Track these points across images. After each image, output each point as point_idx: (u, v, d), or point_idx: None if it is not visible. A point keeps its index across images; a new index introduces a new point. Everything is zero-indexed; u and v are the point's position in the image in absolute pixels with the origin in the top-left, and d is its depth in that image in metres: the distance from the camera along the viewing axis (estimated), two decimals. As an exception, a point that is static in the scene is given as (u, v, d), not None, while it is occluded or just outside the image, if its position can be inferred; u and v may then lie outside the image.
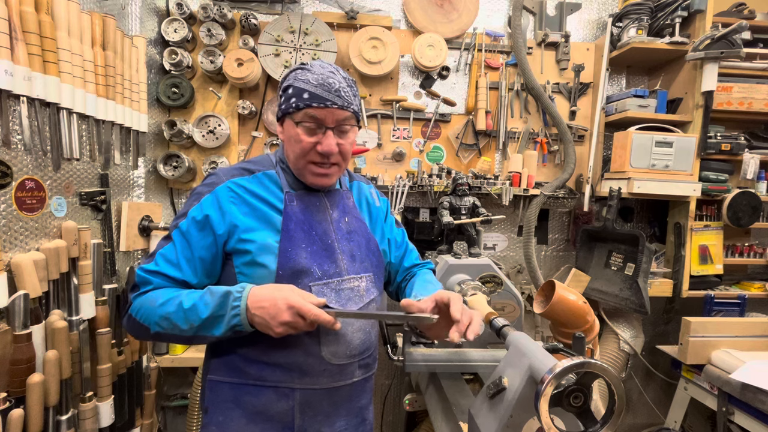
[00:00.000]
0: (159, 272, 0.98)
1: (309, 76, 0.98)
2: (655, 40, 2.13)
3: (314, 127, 0.99)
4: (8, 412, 1.11)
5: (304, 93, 0.97)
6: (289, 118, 1.00)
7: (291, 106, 0.99)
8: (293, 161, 1.04)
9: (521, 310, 1.65)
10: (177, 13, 1.98)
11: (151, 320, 0.94)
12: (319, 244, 1.05)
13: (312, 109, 0.97)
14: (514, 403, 0.86)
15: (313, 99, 0.96)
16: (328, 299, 1.02)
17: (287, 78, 1.03)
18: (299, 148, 1.00)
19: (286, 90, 1.01)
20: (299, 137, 0.99)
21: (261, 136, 2.18)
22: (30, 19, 1.21)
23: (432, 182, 2.16)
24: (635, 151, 2.07)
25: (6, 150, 1.19)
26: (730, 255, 2.31)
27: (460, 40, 2.28)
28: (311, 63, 1.02)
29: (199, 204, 1.00)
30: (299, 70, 1.01)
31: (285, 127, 1.04)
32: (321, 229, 1.07)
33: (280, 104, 1.03)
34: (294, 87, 0.99)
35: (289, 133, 1.02)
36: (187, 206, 1.02)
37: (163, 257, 0.99)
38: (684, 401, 2.12)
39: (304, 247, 1.02)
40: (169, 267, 0.98)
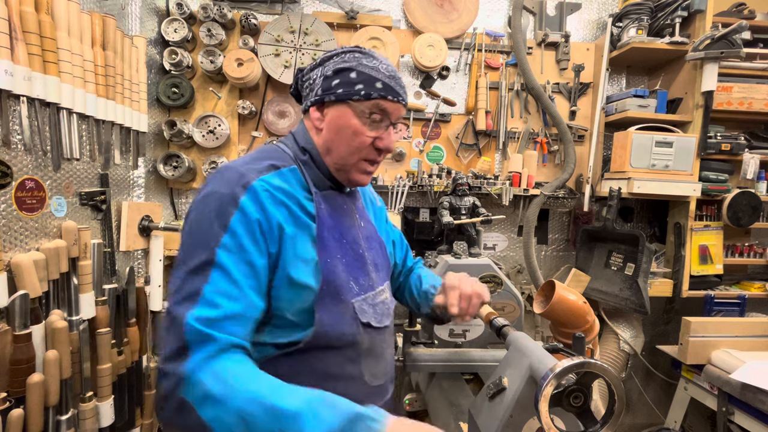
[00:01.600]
0: (225, 318, 0.72)
1: (377, 64, 0.88)
2: (655, 40, 2.13)
3: (378, 121, 0.89)
4: (8, 412, 1.11)
5: (377, 82, 0.86)
6: (347, 105, 0.87)
7: (355, 92, 0.86)
8: (339, 155, 0.90)
9: (521, 310, 1.65)
10: (177, 13, 1.98)
11: (217, 418, 0.65)
12: (351, 253, 0.93)
13: (385, 101, 0.87)
14: (514, 403, 0.86)
15: (388, 91, 0.87)
16: (368, 316, 0.93)
17: (344, 59, 0.88)
18: (357, 141, 0.88)
19: (343, 72, 0.87)
20: (359, 129, 0.87)
21: (261, 136, 2.18)
22: (30, 19, 1.21)
23: (432, 182, 2.16)
24: (635, 151, 2.06)
25: (6, 150, 1.18)
26: (730, 255, 2.31)
27: (460, 40, 2.28)
28: (368, 50, 0.92)
29: (238, 210, 0.78)
30: (360, 54, 0.89)
31: (331, 115, 0.89)
32: (351, 236, 0.95)
33: (328, 87, 0.88)
34: (360, 72, 0.86)
35: (340, 122, 0.88)
36: (214, 217, 0.77)
37: (220, 293, 0.73)
38: (684, 401, 2.12)
39: (339, 258, 0.89)
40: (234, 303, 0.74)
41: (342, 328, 0.87)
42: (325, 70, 0.89)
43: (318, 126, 0.91)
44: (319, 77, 0.90)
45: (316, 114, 0.91)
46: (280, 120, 2.18)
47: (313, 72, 0.92)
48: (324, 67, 0.90)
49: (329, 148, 0.91)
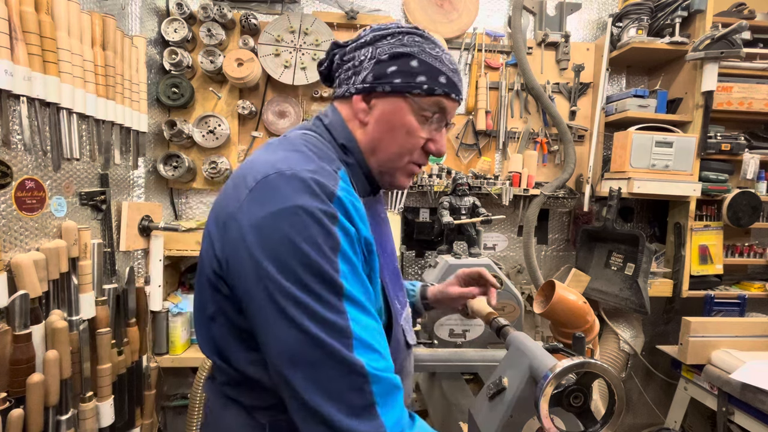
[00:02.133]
0: (386, 356, 0.63)
1: (440, 53, 0.75)
2: (655, 40, 2.13)
3: (434, 121, 0.76)
4: (8, 412, 1.11)
5: (441, 75, 0.73)
6: (404, 99, 0.73)
7: (416, 85, 0.72)
8: (389, 157, 0.77)
9: (521, 310, 1.65)
10: (177, 13, 1.98)
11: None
12: (392, 268, 0.83)
13: (447, 99, 0.75)
14: (514, 403, 0.86)
15: (452, 88, 0.75)
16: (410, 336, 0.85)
17: (402, 42, 0.73)
18: (411, 142, 0.75)
19: (402, 58, 0.72)
20: (415, 128, 0.74)
21: (261, 136, 2.18)
22: (30, 19, 1.21)
23: (432, 182, 2.16)
24: (635, 151, 2.06)
25: (6, 150, 1.18)
26: (730, 255, 2.31)
27: (460, 40, 2.28)
28: (428, 33, 0.76)
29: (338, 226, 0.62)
30: (421, 39, 0.74)
31: (381, 108, 0.74)
32: (390, 248, 0.85)
33: (382, 74, 0.72)
34: (422, 61, 0.72)
35: (393, 119, 0.74)
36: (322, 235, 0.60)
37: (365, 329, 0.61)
38: (684, 401, 2.12)
39: (387, 275, 0.78)
40: (381, 337, 0.64)
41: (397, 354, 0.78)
42: (378, 52, 0.73)
43: (362, 119, 0.76)
44: (369, 59, 0.74)
45: (360, 104, 0.75)
46: (280, 120, 2.18)
47: (360, 51, 0.75)
48: (376, 48, 0.73)
49: (375, 147, 0.77)
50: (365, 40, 0.75)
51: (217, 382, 0.79)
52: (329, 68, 0.82)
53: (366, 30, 0.77)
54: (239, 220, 0.62)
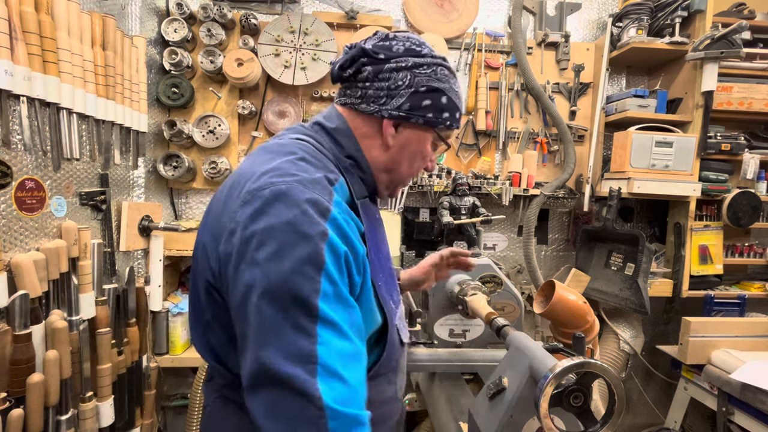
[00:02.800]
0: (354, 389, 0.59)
1: (459, 88, 0.82)
2: (655, 40, 2.13)
3: (436, 147, 0.85)
4: (8, 412, 1.11)
5: (457, 112, 0.81)
6: (432, 130, 0.80)
7: (443, 120, 0.78)
8: (401, 176, 0.83)
9: (521, 310, 1.65)
10: (177, 13, 1.98)
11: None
12: (387, 269, 0.85)
13: (454, 131, 0.84)
14: (514, 403, 0.86)
15: (459, 121, 0.83)
16: (404, 333, 0.87)
17: (437, 75, 0.76)
18: (422, 166, 0.84)
19: (436, 93, 0.76)
20: (428, 154, 0.83)
21: (261, 136, 2.18)
22: (30, 19, 1.21)
23: (432, 182, 2.16)
24: (635, 151, 2.06)
25: (6, 150, 1.19)
26: (730, 255, 2.31)
27: (460, 40, 2.28)
28: (448, 61, 0.81)
29: (327, 244, 0.61)
30: (449, 72, 0.79)
31: (407, 135, 0.79)
32: (385, 249, 0.87)
33: (417, 106, 0.76)
34: (449, 98, 0.78)
35: (412, 145, 0.80)
36: (308, 255, 0.59)
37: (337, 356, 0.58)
38: (684, 401, 2.12)
39: (381, 277, 0.79)
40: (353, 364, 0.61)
41: (392, 354, 0.80)
42: (416, 81, 0.75)
43: (388, 142, 0.79)
44: (406, 86, 0.75)
45: (390, 130, 0.78)
46: (280, 120, 2.18)
47: (398, 74, 0.75)
48: (414, 75, 0.75)
49: (393, 168, 0.81)
50: (405, 65, 0.75)
51: (215, 383, 0.79)
52: (352, 73, 0.78)
53: (399, 46, 0.76)
54: (232, 234, 0.63)
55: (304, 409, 0.54)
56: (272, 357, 0.56)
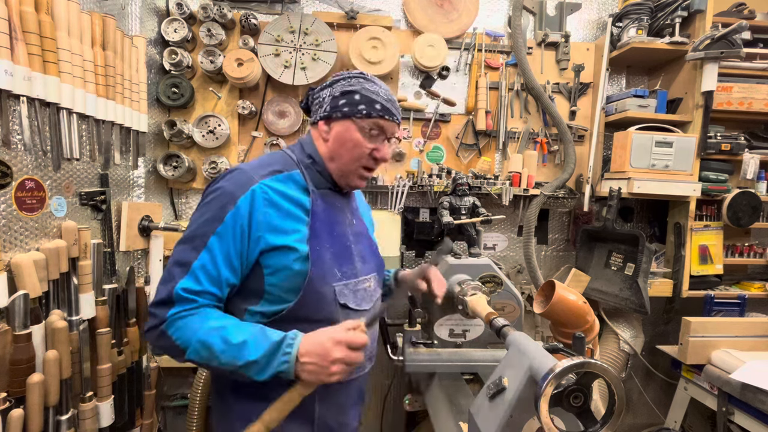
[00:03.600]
0: (205, 294, 0.94)
1: (377, 89, 1.05)
2: (655, 40, 2.13)
3: (376, 135, 1.05)
4: (8, 412, 1.11)
5: (376, 104, 1.03)
6: (351, 121, 1.04)
7: (358, 111, 1.03)
8: (342, 163, 1.06)
9: (521, 310, 1.65)
10: (177, 13, 1.98)
11: (190, 344, 0.91)
12: (339, 245, 1.08)
13: (382, 120, 1.04)
14: (514, 403, 0.86)
15: (385, 112, 1.04)
16: (347, 299, 1.07)
17: (349, 83, 1.05)
18: (357, 152, 1.05)
19: (348, 94, 1.04)
20: (359, 142, 1.04)
21: (261, 136, 2.18)
22: (30, 19, 1.21)
23: (432, 182, 2.16)
24: (635, 151, 2.06)
25: (6, 150, 1.19)
26: (730, 255, 2.31)
27: (460, 40, 2.28)
28: (370, 75, 1.09)
29: (235, 207, 0.96)
30: (363, 80, 1.06)
31: (336, 129, 1.05)
32: (340, 229, 1.10)
33: (336, 105, 1.04)
34: (362, 95, 1.03)
35: (344, 135, 1.04)
36: (217, 208, 0.96)
37: (204, 272, 0.94)
38: (684, 401, 2.12)
39: (328, 248, 1.04)
40: (213, 285, 0.95)
41: (320, 305, 1.02)
42: (333, 91, 1.05)
43: (325, 137, 1.07)
44: (327, 96, 1.06)
45: (324, 127, 1.07)
46: (280, 120, 2.18)
47: (323, 92, 1.08)
48: (332, 89, 1.06)
49: (333, 156, 1.07)
50: (326, 85, 1.08)
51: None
52: (307, 104, 1.14)
53: (330, 79, 1.09)
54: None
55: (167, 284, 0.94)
56: (171, 259, 0.98)
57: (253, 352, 0.90)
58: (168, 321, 0.92)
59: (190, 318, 0.92)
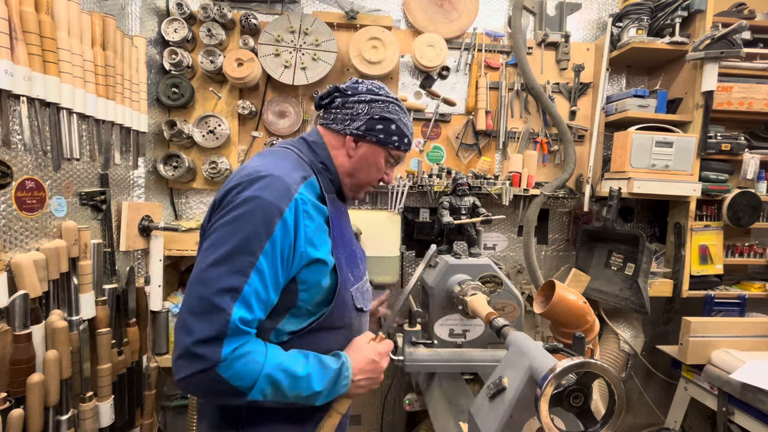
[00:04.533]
0: (255, 320, 0.85)
1: (408, 121, 1.10)
2: (655, 40, 2.13)
3: (392, 163, 1.13)
4: (8, 412, 1.11)
5: (406, 138, 1.09)
6: (383, 148, 1.07)
7: (392, 141, 1.06)
8: (360, 181, 1.10)
9: (521, 310, 1.65)
10: (177, 13, 1.98)
11: (255, 384, 0.83)
12: (348, 250, 1.09)
13: (404, 153, 1.12)
14: (514, 403, 0.86)
15: (408, 146, 1.12)
16: (360, 302, 1.10)
17: (388, 109, 1.05)
18: (377, 175, 1.11)
19: (387, 121, 1.05)
20: (380, 166, 1.09)
21: (261, 136, 2.18)
22: (30, 19, 1.21)
23: (432, 182, 2.16)
24: (635, 151, 2.06)
25: (6, 150, 1.19)
26: (730, 255, 2.31)
27: (460, 40, 2.28)
28: (401, 102, 1.10)
29: (281, 220, 0.86)
30: (398, 108, 1.08)
31: (366, 150, 1.06)
32: (348, 233, 1.13)
33: (372, 128, 1.04)
34: (398, 126, 1.07)
35: (369, 158, 1.07)
36: (261, 222, 0.84)
37: (257, 298, 0.84)
38: (684, 401, 2.12)
39: (342, 254, 1.04)
40: (263, 311, 0.87)
41: (344, 313, 1.03)
42: (371, 111, 1.04)
43: (350, 153, 1.07)
44: (364, 114, 1.04)
45: (351, 143, 1.06)
46: (280, 120, 2.18)
47: (359, 105, 1.04)
48: (371, 107, 1.04)
49: (353, 173, 1.08)
50: (364, 99, 1.04)
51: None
52: (328, 103, 1.09)
53: (361, 86, 1.07)
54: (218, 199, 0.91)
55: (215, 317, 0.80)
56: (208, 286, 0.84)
57: (317, 383, 0.91)
58: (224, 362, 0.79)
59: (248, 356, 0.83)
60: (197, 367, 0.79)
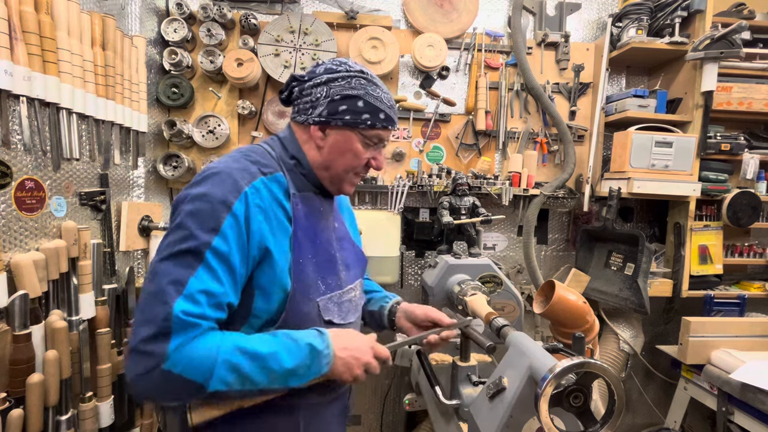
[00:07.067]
0: (206, 317, 0.78)
1: (381, 93, 0.95)
2: (654, 40, 2.13)
3: (375, 144, 0.98)
4: (8, 412, 1.11)
5: (380, 113, 0.94)
6: (351, 130, 0.94)
7: (362, 121, 0.93)
8: (338, 172, 0.98)
9: (521, 310, 1.65)
10: (177, 13, 1.98)
11: (212, 373, 0.76)
12: (323, 254, 0.98)
13: (385, 130, 0.97)
14: (514, 403, 0.86)
15: (388, 121, 0.96)
16: (332, 314, 0.99)
17: (351, 85, 0.92)
18: (355, 162, 0.97)
19: (351, 99, 0.92)
20: (360, 152, 0.96)
21: (261, 136, 2.18)
22: (30, 19, 1.21)
23: (432, 182, 2.16)
24: (635, 151, 2.06)
25: (6, 150, 1.18)
26: (730, 255, 2.31)
27: (460, 40, 2.28)
28: (371, 73, 0.96)
29: (230, 216, 0.82)
30: (365, 81, 0.94)
31: (335, 137, 0.94)
32: (324, 236, 1.01)
33: (335, 111, 0.92)
34: (366, 102, 0.93)
35: (341, 145, 0.95)
36: (209, 216, 0.81)
37: (206, 294, 0.78)
38: (684, 401, 2.12)
39: (310, 258, 0.94)
40: (218, 310, 0.81)
41: (304, 325, 0.92)
42: (331, 92, 0.92)
43: (319, 144, 0.96)
44: (323, 97, 0.93)
45: (317, 133, 0.95)
46: (280, 120, 2.18)
47: (316, 89, 0.94)
48: (329, 88, 0.92)
49: (328, 165, 0.97)
50: (321, 81, 0.93)
51: None
52: (289, 95, 1.00)
53: (320, 68, 0.96)
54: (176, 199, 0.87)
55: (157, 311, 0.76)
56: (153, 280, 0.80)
57: (288, 359, 0.81)
58: (171, 357, 0.74)
59: (198, 346, 0.76)
60: (144, 364, 0.75)
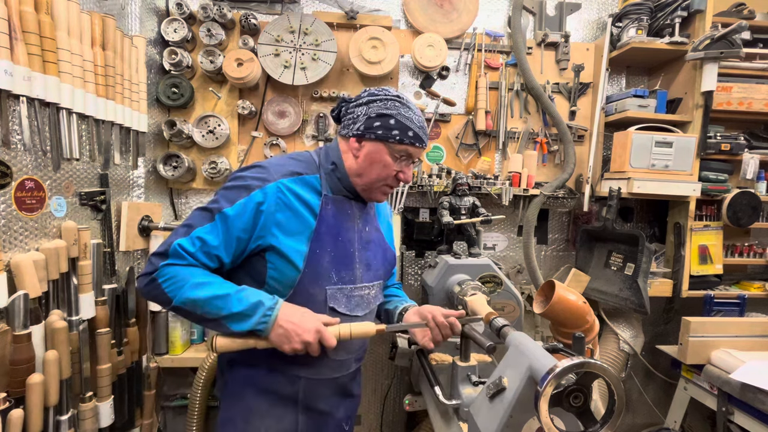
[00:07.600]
0: (196, 257, 1.03)
1: (412, 115, 1.11)
2: (654, 40, 2.13)
3: (404, 159, 1.13)
4: (8, 412, 1.11)
5: (409, 131, 1.10)
6: (384, 143, 1.10)
7: (392, 136, 1.09)
8: (369, 180, 1.14)
9: (521, 310, 1.65)
10: (177, 13, 1.98)
11: (178, 294, 1.00)
12: (341, 250, 1.14)
13: (412, 147, 1.12)
14: (513, 403, 0.86)
15: (416, 140, 1.11)
16: (339, 303, 1.14)
17: (387, 106, 1.10)
18: (384, 172, 1.12)
19: (385, 117, 1.09)
20: (389, 164, 1.12)
21: (261, 136, 2.18)
22: (30, 19, 1.21)
23: (432, 182, 2.16)
24: (635, 151, 2.06)
25: (6, 150, 1.19)
26: (730, 255, 2.31)
27: (460, 40, 2.28)
28: (406, 98, 1.14)
29: (248, 196, 1.05)
30: (399, 104, 1.11)
31: (368, 148, 1.11)
32: (347, 236, 1.16)
33: (370, 126, 1.09)
34: (398, 120, 1.09)
35: (373, 155, 1.11)
36: (234, 192, 1.06)
37: (202, 241, 1.03)
38: (684, 401, 2.12)
39: (328, 251, 1.12)
40: (206, 257, 1.04)
41: (310, 305, 1.08)
42: (369, 111, 1.10)
43: (355, 153, 1.13)
44: (362, 115, 1.11)
45: (355, 144, 1.13)
46: (280, 120, 2.18)
47: (358, 108, 1.13)
48: (369, 108, 1.11)
49: (361, 173, 1.13)
50: (362, 101, 1.12)
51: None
52: (339, 114, 1.20)
53: (365, 92, 1.14)
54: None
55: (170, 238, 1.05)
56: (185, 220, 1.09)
57: (236, 305, 1.00)
58: (161, 269, 1.01)
59: (180, 269, 1.01)
60: (145, 270, 1.04)
